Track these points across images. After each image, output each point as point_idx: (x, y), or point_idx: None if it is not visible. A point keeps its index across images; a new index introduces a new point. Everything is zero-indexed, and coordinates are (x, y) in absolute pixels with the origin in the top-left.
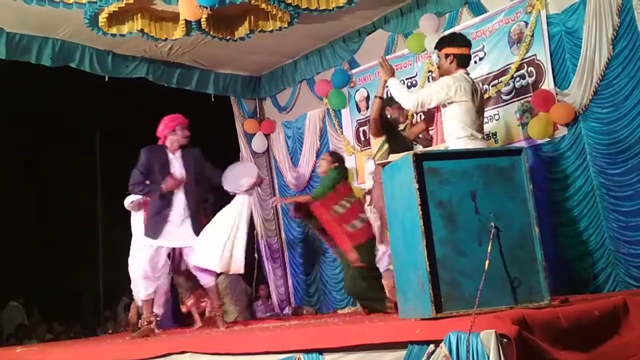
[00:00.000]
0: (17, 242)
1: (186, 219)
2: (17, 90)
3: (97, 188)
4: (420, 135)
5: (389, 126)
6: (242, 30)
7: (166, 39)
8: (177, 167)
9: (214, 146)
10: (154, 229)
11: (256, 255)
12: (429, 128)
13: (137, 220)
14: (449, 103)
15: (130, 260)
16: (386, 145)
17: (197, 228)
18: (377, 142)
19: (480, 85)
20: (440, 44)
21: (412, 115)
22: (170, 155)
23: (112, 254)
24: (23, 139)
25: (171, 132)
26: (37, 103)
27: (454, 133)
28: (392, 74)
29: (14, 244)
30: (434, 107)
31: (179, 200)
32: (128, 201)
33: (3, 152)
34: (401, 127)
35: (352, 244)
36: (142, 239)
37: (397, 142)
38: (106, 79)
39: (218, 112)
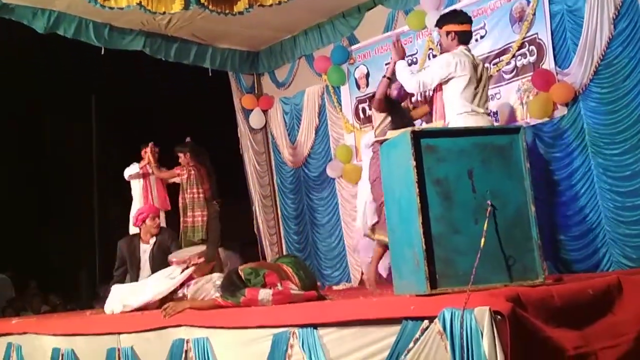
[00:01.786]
0: (13, 214)
1: None
2: (11, 56)
3: (93, 159)
4: (424, 119)
5: (392, 101)
6: (241, 5)
7: (164, 13)
8: (146, 257)
9: (212, 121)
10: None
11: (256, 230)
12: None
13: (137, 190)
14: (450, 79)
15: (130, 226)
16: (388, 119)
17: None
18: (379, 116)
19: (481, 61)
20: (441, 22)
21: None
22: (143, 246)
23: (108, 226)
24: (18, 107)
25: (142, 225)
26: (32, 69)
27: (455, 109)
28: (403, 56)
29: (10, 216)
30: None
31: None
32: (127, 173)
33: None
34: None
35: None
36: None
37: (398, 115)
38: (102, 51)
39: (216, 86)
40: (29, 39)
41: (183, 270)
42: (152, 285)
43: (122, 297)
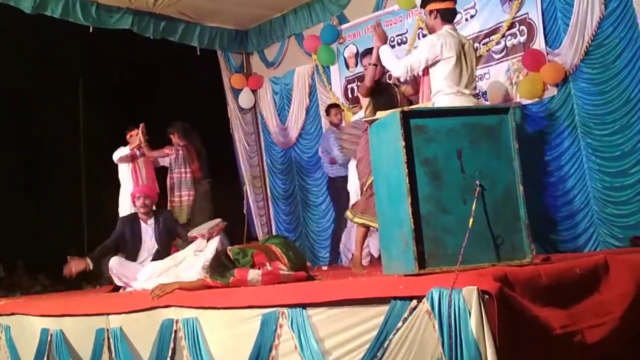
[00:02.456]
0: (0, 196)
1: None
2: None
3: (81, 140)
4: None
5: (377, 86)
6: None
7: None
8: (149, 235)
9: (201, 101)
10: None
11: (245, 211)
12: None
13: (125, 173)
14: (437, 62)
15: (120, 210)
16: (374, 101)
17: None
18: (366, 100)
19: (468, 40)
20: (425, 2)
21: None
22: (143, 225)
23: (96, 207)
24: (3, 89)
25: (134, 205)
26: (17, 52)
27: (442, 90)
28: (385, 41)
29: None
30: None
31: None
32: (117, 156)
33: None
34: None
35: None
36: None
37: (385, 96)
38: (90, 29)
39: (205, 66)
40: (15, 22)
41: (208, 240)
42: (186, 263)
43: (154, 276)
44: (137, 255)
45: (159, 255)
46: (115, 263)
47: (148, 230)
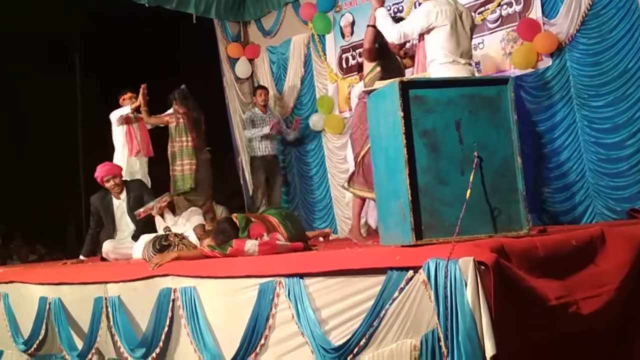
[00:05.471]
0: None
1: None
2: None
3: (77, 108)
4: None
5: (383, 50)
6: None
7: None
8: (123, 210)
9: (197, 71)
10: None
11: (242, 182)
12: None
13: (119, 136)
14: (431, 29)
15: None
16: (378, 68)
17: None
18: (369, 65)
19: (466, 8)
20: None
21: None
22: (116, 201)
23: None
24: None
25: (102, 183)
26: (13, 26)
27: (436, 59)
28: (382, 3)
29: None
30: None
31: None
32: (116, 115)
33: None
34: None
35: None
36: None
37: (388, 64)
38: None
39: (201, 35)
40: None
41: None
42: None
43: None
44: (114, 232)
45: (138, 228)
46: (110, 248)
47: (122, 205)
